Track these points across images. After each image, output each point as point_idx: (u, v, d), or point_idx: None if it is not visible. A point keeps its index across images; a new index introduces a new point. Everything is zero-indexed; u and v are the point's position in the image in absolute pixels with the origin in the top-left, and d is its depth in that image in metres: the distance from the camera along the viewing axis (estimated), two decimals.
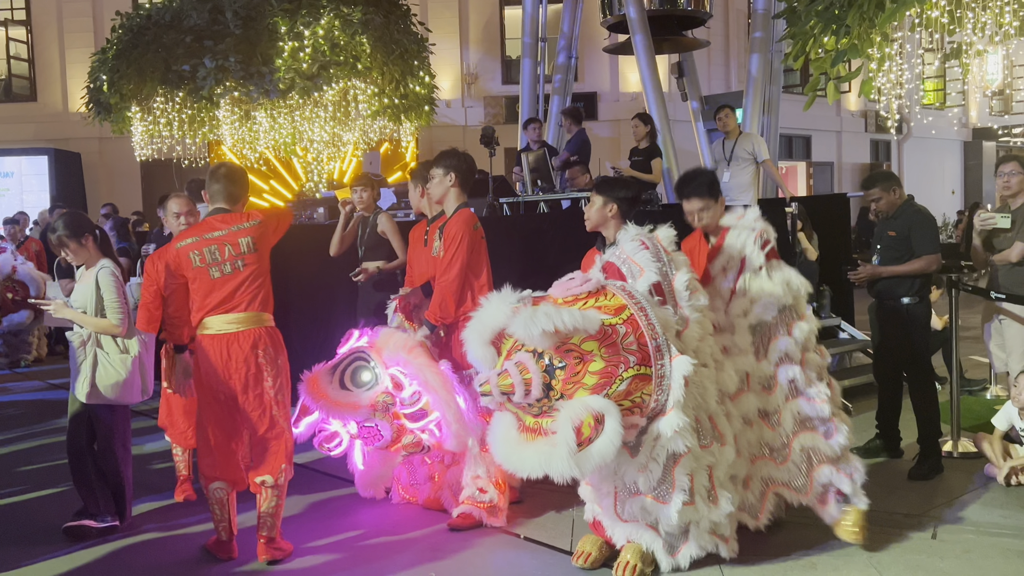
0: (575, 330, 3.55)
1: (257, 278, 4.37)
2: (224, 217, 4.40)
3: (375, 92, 14.36)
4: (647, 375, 3.65)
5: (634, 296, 3.79)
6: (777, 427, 4.22)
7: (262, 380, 4.32)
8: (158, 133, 14.24)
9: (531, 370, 3.61)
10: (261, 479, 4.35)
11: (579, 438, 3.47)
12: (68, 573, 4.33)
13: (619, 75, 20.71)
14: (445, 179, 4.92)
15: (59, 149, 18.98)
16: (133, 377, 4.74)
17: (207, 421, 4.40)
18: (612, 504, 3.93)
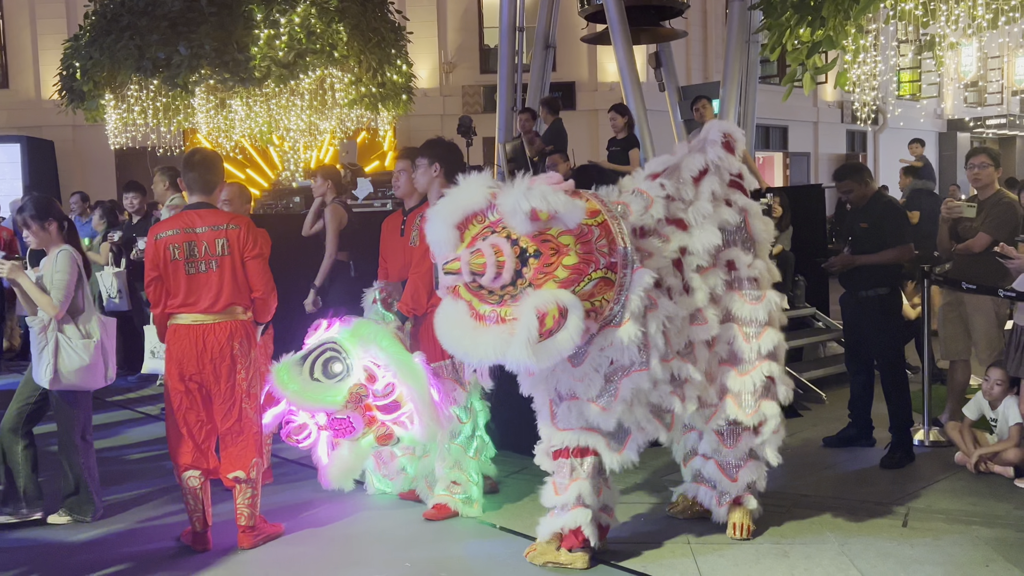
0: (560, 214, 3.54)
1: (229, 279, 4.36)
2: (204, 213, 4.41)
3: (352, 81, 14.27)
4: (611, 280, 3.66)
5: (607, 204, 3.82)
6: (752, 340, 4.27)
7: (235, 372, 4.35)
8: (132, 121, 14.07)
9: (505, 253, 3.57)
10: (234, 475, 4.38)
11: (541, 328, 3.46)
12: (31, 568, 4.30)
13: (597, 65, 20.71)
14: (430, 169, 4.89)
15: (32, 137, 18.74)
16: (96, 362, 4.69)
17: (181, 409, 4.39)
18: (548, 413, 3.96)
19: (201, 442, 4.42)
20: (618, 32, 12.47)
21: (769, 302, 4.29)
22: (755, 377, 4.22)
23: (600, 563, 4.03)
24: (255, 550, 4.39)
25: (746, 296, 4.26)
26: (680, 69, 16.62)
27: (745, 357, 4.25)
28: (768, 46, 8.56)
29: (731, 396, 4.25)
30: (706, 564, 4.02)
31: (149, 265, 4.42)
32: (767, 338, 4.25)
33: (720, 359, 4.26)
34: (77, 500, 4.82)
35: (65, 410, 4.79)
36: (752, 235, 4.32)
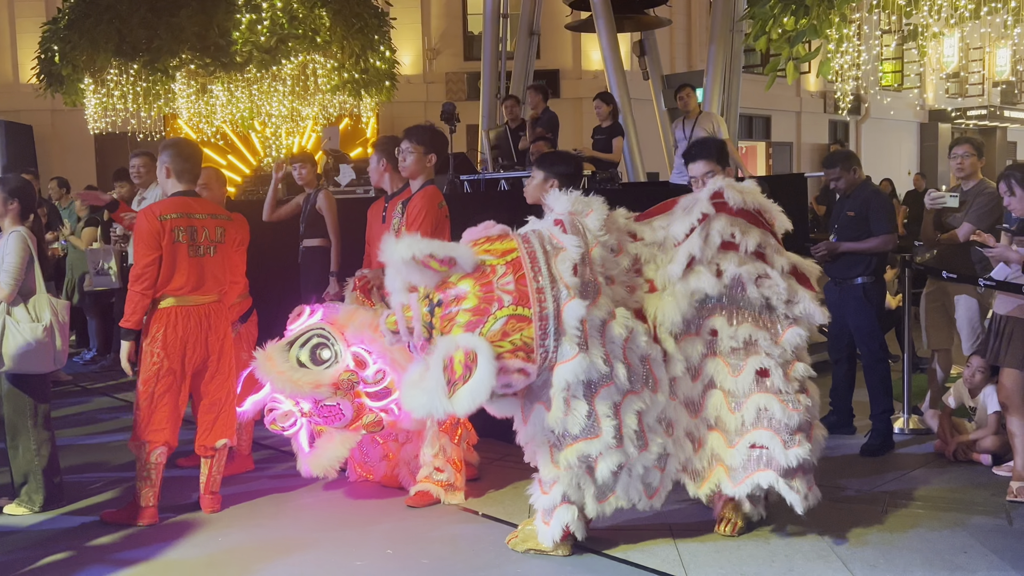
0: (437, 259, 3.56)
1: (228, 264, 4.75)
2: (201, 201, 4.70)
3: (335, 66, 14.16)
4: (526, 316, 3.61)
5: (529, 241, 3.76)
6: (737, 411, 4.06)
7: (231, 348, 4.75)
8: (112, 106, 13.91)
9: (413, 309, 3.66)
10: (221, 442, 4.69)
11: (452, 377, 3.47)
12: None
13: (581, 52, 20.67)
14: (425, 158, 4.87)
15: (9, 121, 18.51)
16: (43, 346, 4.59)
17: (163, 389, 4.53)
18: (548, 456, 3.87)
19: (178, 422, 4.62)
20: (602, 20, 12.47)
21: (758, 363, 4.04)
22: (740, 450, 4.04)
23: (582, 550, 4.03)
24: (235, 537, 4.37)
25: (730, 366, 4.07)
26: (664, 57, 16.60)
27: (731, 428, 4.08)
28: (752, 35, 8.55)
29: (722, 466, 4.11)
30: (687, 550, 4.03)
31: (150, 245, 4.46)
32: (751, 405, 4.02)
33: (708, 425, 4.11)
34: (27, 489, 4.75)
35: (14, 395, 4.72)
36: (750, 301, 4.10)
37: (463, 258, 3.61)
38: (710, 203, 4.07)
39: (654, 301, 4.02)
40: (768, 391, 4.03)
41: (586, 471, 3.82)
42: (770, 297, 4.08)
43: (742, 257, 4.07)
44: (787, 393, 4.03)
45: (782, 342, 4.08)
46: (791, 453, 3.97)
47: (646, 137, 13.28)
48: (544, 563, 3.96)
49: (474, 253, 3.66)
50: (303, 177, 6.54)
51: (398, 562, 4.05)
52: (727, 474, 4.07)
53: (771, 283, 4.06)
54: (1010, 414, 4.74)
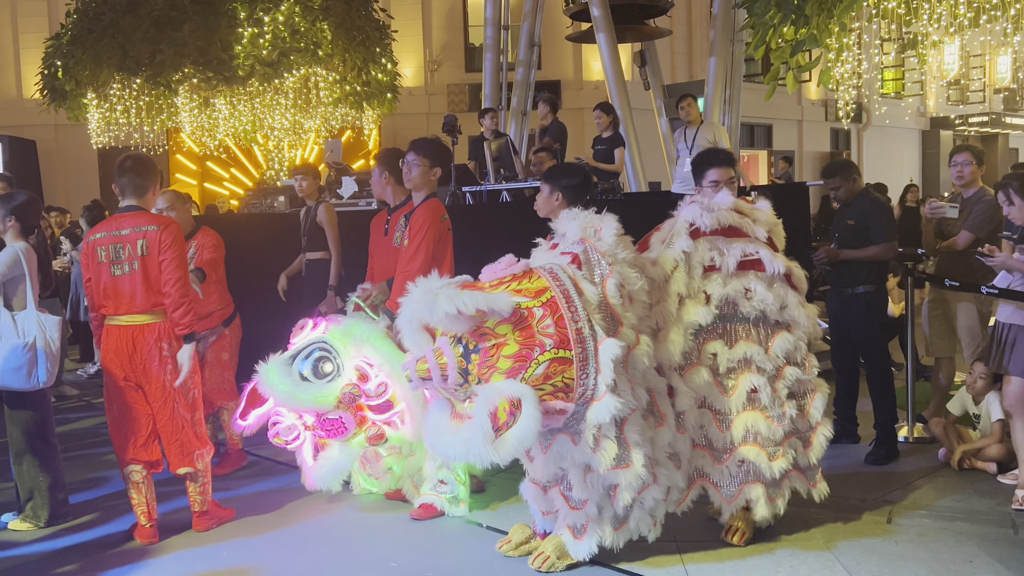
0: (481, 312, 3.54)
1: (153, 278, 4.41)
2: (132, 215, 4.50)
3: (336, 79, 14.24)
4: (567, 358, 3.62)
5: (559, 278, 3.75)
6: (726, 430, 4.12)
7: (164, 371, 4.45)
8: (115, 120, 14.00)
9: (447, 355, 3.62)
10: (183, 471, 4.57)
11: (496, 423, 3.46)
12: None
13: (582, 63, 20.72)
14: (430, 171, 4.88)
15: (13, 136, 18.58)
16: (27, 363, 4.56)
17: (118, 406, 4.50)
18: (581, 476, 3.85)
19: (142, 437, 4.52)
20: (603, 30, 12.53)
21: (749, 383, 4.11)
22: (730, 466, 4.13)
23: (594, 564, 4.02)
24: (239, 552, 4.37)
25: (722, 386, 4.13)
26: (665, 68, 16.65)
27: (718, 446, 4.14)
28: (752, 44, 8.59)
29: (708, 483, 4.18)
30: (693, 562, 4.02)
31: (83, 268, 4.57)
32: (740, 423, 4.10)
33: (694, 443, 4.15)
34: (32, 505, 4.75)
35: (16, 412, 4.73)
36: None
37: (503, 306, 3.57)
38: (688, 236, 4.15)
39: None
40: (755, 408, 4.12)
41: (607, 495, 3.84)
42: (765, 310, 4.15)
43: (726, 276, 4.15)
44: (773, 408, 4.14)
45: (772, 350, 4.16)
46: (775, 466, 4.11)
47: (647, 147, 13.32)
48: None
49: (512, 299, 3.61)
50: (304, 189, 6.57)
51: (402, 575, 4.04)
52: (716, 491, 4.18)
53: (760, 297, 4.14)
54: (1014, 422, 4.74)
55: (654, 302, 4.08)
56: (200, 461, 4.59)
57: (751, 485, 4.14)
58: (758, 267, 4.20)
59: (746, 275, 4.18)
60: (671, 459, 3.98)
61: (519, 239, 4.27)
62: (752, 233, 4.24)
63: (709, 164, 4.50)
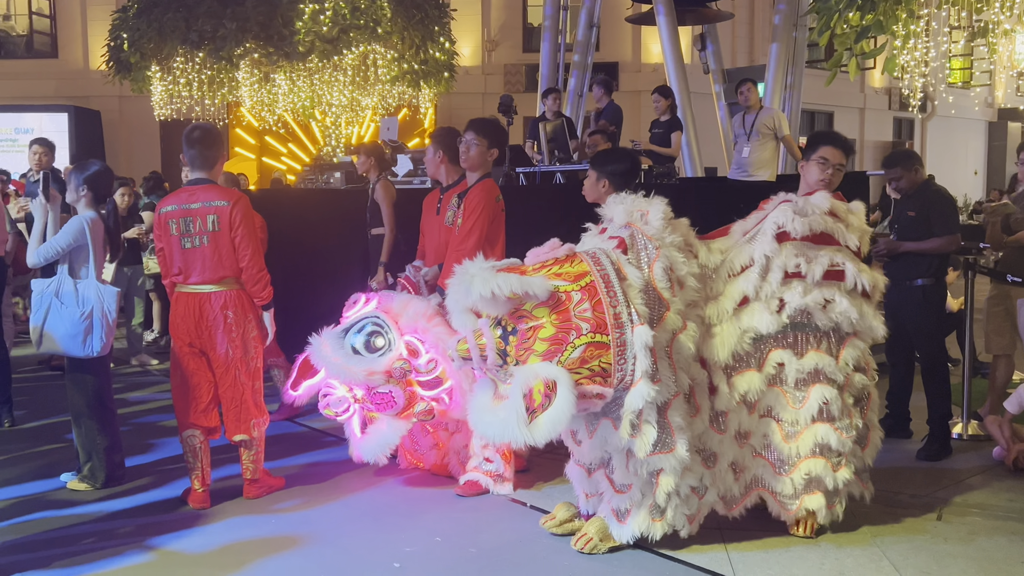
0: (516, 295, 3.55)
1: (223, 252, 4.52)
2: (202, 189, 4.59)
3: (395, 57, 14.31)
4: (604, 343, 3.61)
5: (601, 263, 3.73)
6: (791, 441, 4.04)
7: (228, 339, 4.56)
8: (177, 93, 14.25)
9: (486, 336, 3.65)
10: (239, 439, 4.67)
11: (531, 405, 3.47)
12: (43, 534, 4.42)
13: (641, 45, 20.52)
14: (488, 152, 4.90)
15: (79, 107, 19.02)
16: (84, 331, 4.71)
17: (182, 371, 4.62)
18: (624, 461, 3.86)
19: (203, 403, 4.64)
20: (663, 13, 12.37)
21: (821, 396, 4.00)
22: (795, 479, 4.04)
23: (637, 548, 4.02)
24: (287, 521, 4.46)
25: (792, 397, 4.05)
26: (726, 51, 16.43)
27: (782, 457, 4.06)
28: (816, 30, 8.42)
29: (767, 492, 4.11)
30: (736, 551, 4.01)
31: (155, 238, 4.71)
32: (808, 435, 4.00)
33: (754, 451, 4.09)
34: (89, 467, 4.90)
35: (76, 377, 4.88)
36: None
37: (539, 289, 3.59)
38: (774, 240, 4.03)
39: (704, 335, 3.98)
40: (825, 420, 4.02)
41: (649, 483, 3.84)
42: (840, 322, 4.04)
43: (808, 286, 4.02)
44: (842, 419, 4.04)
45: (842, 358, 4.07)
46: (839, 476, 4.05)
47: (705, 132, 13.18)
48: (592, 557, 3.97)
49: (548, 282, 3.63)
50: (361, 166, 6.68)
51: (446, 550, 4.10)
52: (775, 499, 4.11)
53: (841, 309, 4.01)
54: None
55: (709, 292, 4.04)
56: (256, 429, 4.69)
57: (812, 495, 4.05)
58: (841, 277, 4.06)
59: (829, 286, 4.03)
60: (708, 459, 3.95)
61: (572, 222, 4.27)
62: (843, 240, 4.09)
63: (825, 141, 4.33)
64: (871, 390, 4.22)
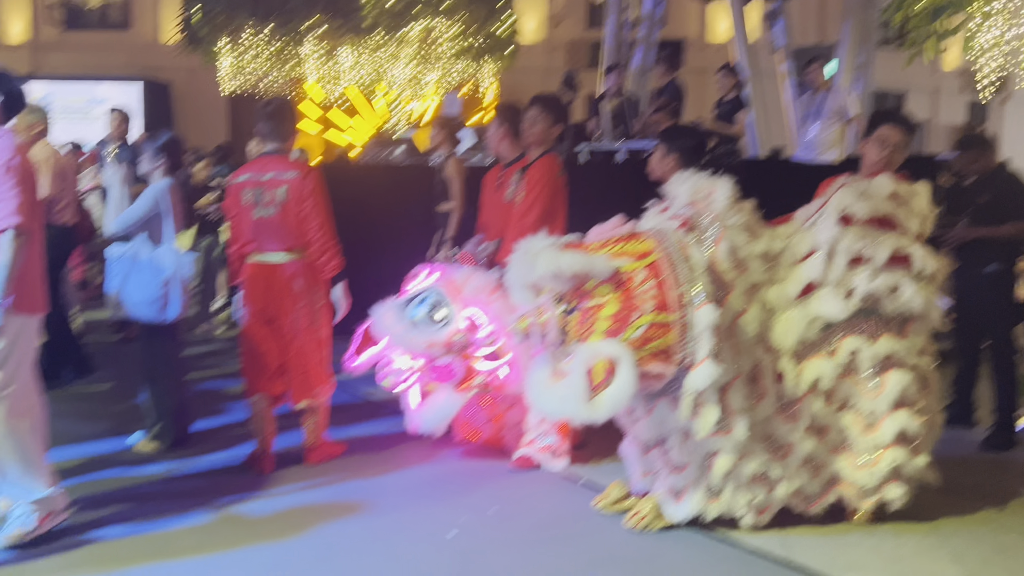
0: (578, 274, 3.55)
1: (290, 223, 4.61)
2: (275, 160, 4.68)
3: (458, 32, 14.32)
4: (667, 322, 3.60)
5: (665, 242, 3.71)
6: (871, 431, 3.96)
7: (296, 308, 4.64)
8: (245, 66, 14.46)
9: (547, 313, 3.66)
10: (303, 405, 4.78)
11: (592, 383, 3.48)
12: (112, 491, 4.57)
13: (707, 23, 20.21)
14: (552, 128, 4.90)
15: (150, 79, 19.40)
16: (161, 296, 4.85)
17: (252, 338, 4.73)
18: (681, 440, 3.85)
19: (271, 369, 4.75)
20: None
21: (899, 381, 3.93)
22: (878, 470, 3.95)
23: (690, 527, 4.02)
24: (346, 488, 4.55)
25: (868, 386, 3.95)
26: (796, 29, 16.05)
27: (863, 448, 3.97)
28: (890, 8, 8.21)
29: (847, 486, 4.02)
30: (792, 535, 3.97)
31: (227, 207, 4.83)
32: (890, 424, 3.91)
33: (833, 447, 4.00)
34: (159, 428, 5.05)
35: (150, 340, 5.04)
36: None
37: (602, 268, 3.59)
38: (837, 224, 3.95)
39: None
40: (904, 407, 3.94)
41: (704, 465, 3.83)
42: (907, 309, 3.95)
43: (875, 271, 3.94)
44: (918, 404, 3.98)
45: (909, 341, 4.00)
46: (918, 462, 3.99)
47: (772, 112, 12.93)
48: (644, 534, 3.98)
49: (612, 261, 3.63)
50: (435, 139, 6.75)
51: (500, 521, 4.15)
52: (854, 492, 4.01)
53: (908, 296, 3.93)
54: None
55: (772, 277, 3.99)
56: (320, 397, 4.80)
57: (891, 484, 3.97)
58: (905, 263, 3.98)
59: (895, 272, 3.95)
60: (777, 449, 3.91)
61: (632, 200, 4.25)
62: (905, 224, 4.02)
63: (884, 120, 4.26)
64: (932, 375, 4.14)
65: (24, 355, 3.75)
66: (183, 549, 3.78)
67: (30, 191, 3.71)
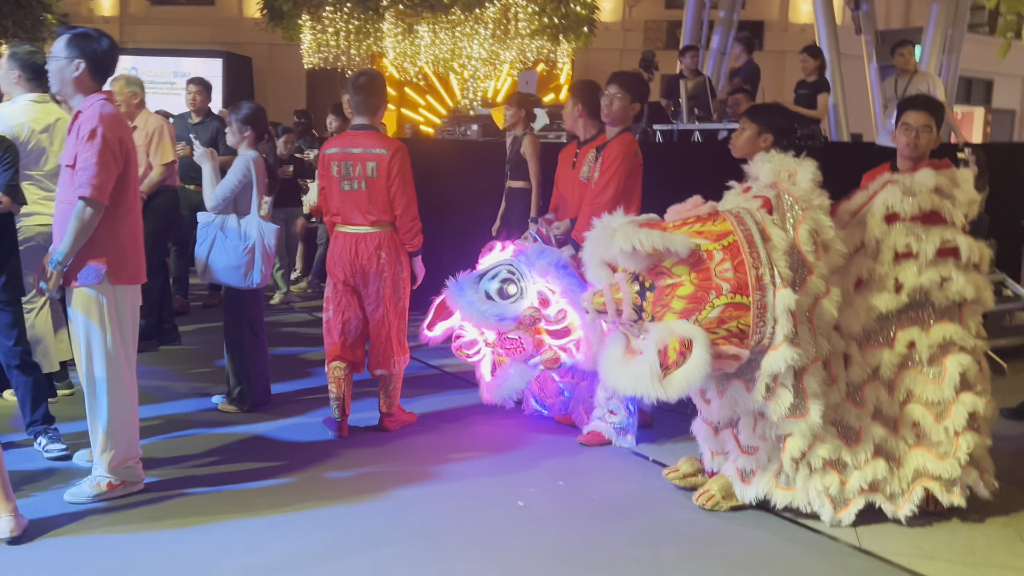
0: (656, 251, 3.54)
1: (379, 198, 4.71)
2: (365, 135, 4.76)
3: (536, 11, 14.30)
4: (744, 304, 3.58)
5: (744, 222, 3.68)
6: (943, 419, 3.90)
7: (380, 278, 4.77)
8: (326, 42, 14.67)
9: (623, 291, 3.67)
10: (379, 372, 4.89)
11: (665, 361, 3.48)
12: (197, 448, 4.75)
13: (789, 4, 19.79)
14: (630, 106, 4.89)
15: (232, 53, 19.81)
16: (245, 264, 5.02)
17: (335, 306, 4.86)
18: (752, 423, 3.86)
19: (351, 337, 4.87)
20: None
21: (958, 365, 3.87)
22: (959, 457, 3.87)
23: (758, 509, 4.03)
24: (417, 455, 4.66)
25: (929, 375, 3.90)
26: (880, 11, 15.66)
27: (939, 438, 3.90)
28: None
29: (932, 480, 3.93)
30: (864, 523, 3.92)
31: (319, 177, 4.94)
32: (959, 409, 3.86)
33: (908, 442, 3.95)
34: (239, 391, 5.23)
35: (233, 306, 5.20)
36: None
37: (680, 247, 3.59)
38: (882, 220, 3.94)
39: None
40: (969, 390, 3.90)
41: (777, 447, 3.82)
42: (957, 299, 3.91)
43: (923, 265, 3.91)
44: (981, 384, 3.94)
45: (964, 325, 3.95)
46: (986, 443, 3.97)
47: (853, 95, 12.66)
48: (712, 514, 4.00)
49: (690, 240, 3.62)
50: (512, 119, 6.78)
51: (568, 494, 4.21)
52: (940, 486, 3.94)
53: (958, 287, 3.89)
54: None
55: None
56: (396, 367, 4.93)
57: (967, 470, 3.92)
58: (953, 254, 3.93)
59: (944, 263, 3.91)
60: (848, 436, 3.88)
61: (708, 181, 4.23)
62: (950, 218, 3.95)
63: (906, 106, 4.21)
64: (983, 359, 4.07)
65: (121, 325, 3.85)
66: (261, 507, 3.93)
67: (110, 163, 3.70)
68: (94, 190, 3.65)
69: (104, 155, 3.68)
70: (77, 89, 3.80)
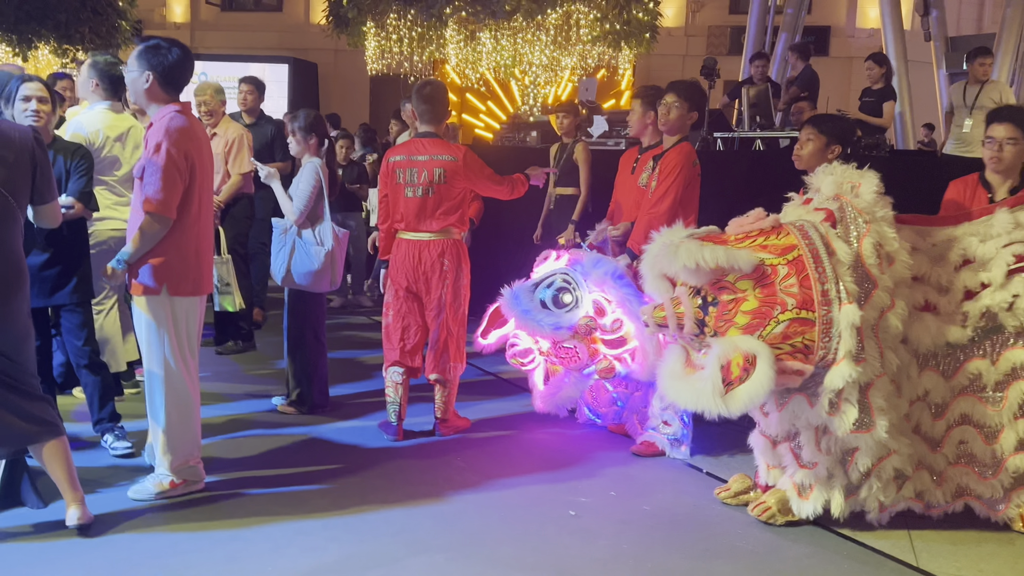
0: (720, 267, 3.51)
1: (444, 205, 4.79)
2: (430, 143, 4.83)
3: (597, 17, 14.27)
4: (809, 319, 3.53)
5: (809, 236, 3.63)
6: (993, 442, 3.87)
7: (442, 285, 4.84)
8: (389, 49, 14.85)
9: (684, 305, 3.64)
10: (435, 377, 4.93)
11: (728, 377, 3.44)
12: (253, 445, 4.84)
13: (856, 9, 19.45)
14: (688, 115, 4.88)
15: (298, 59, 20.18)
16: (324, 268, 5.11)
17: (397, 312, 4.92)
18: (813, 438, 3.81)
19: (411, 343, 4.92)
20: None
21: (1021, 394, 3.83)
22: (1002, 479, 3.88)
23: (813, 524, 3.98)
24: (470, 460, 4.70)
25: (989, 401, 3.86)
26: (950, 18, 15.30)
27: (986, 460, 3.90)
28: None
29: (974, 499, 3.96)
30: (921, 540, 3.86)
31: (381, 184, 4.97)
32: (1010, 433, 3.84)
33: (950, 461, 3.95)
34: (299, 393, 5.32)
35: (298, 309, 5.29)
36: None
37: (745, 263, 3.56)
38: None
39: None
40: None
41: (841, 462, 3.78)
42: None
43: (992, 292, 3.85)
44: None
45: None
46: None
47: (921, 103, 12.40)
48: (766, 528, 3.95)
49: (755, 255, 3.59)
50: (564, 127, 6.81)
51: (620, 504, 4.20)
52: (982, 504, 3.95)
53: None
54: None
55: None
56: (452, 373, 4.98)
57: (1019, 491, 3.90)
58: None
59: (1010, 283, 3.83)
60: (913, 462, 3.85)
61: (769, 191, 4.18)
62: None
63: (991, 119, 4.13)
64: None
65: (179, 333, 3.93)
66: (317, 509, 4.00)
67: (175, 178, 3.75)
68: (159, 205, 3.75)
69: (169, 170, 3.76)
70: (150, 100, 3.91)
